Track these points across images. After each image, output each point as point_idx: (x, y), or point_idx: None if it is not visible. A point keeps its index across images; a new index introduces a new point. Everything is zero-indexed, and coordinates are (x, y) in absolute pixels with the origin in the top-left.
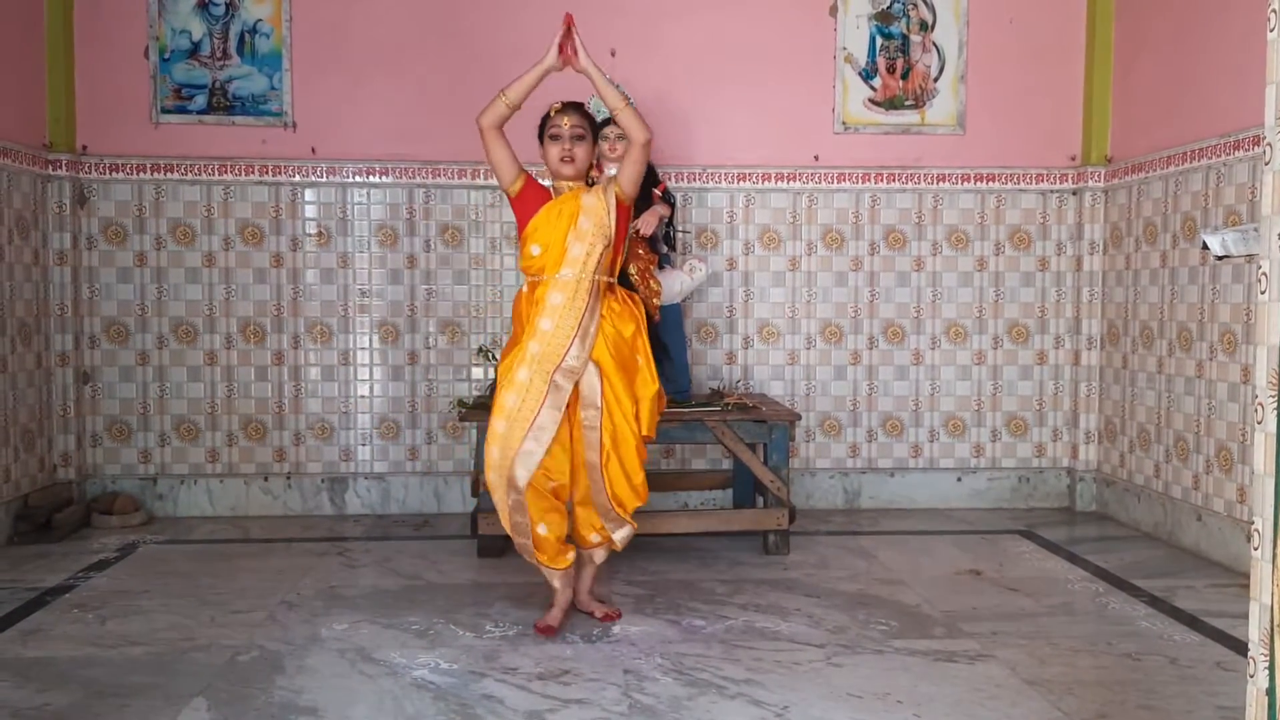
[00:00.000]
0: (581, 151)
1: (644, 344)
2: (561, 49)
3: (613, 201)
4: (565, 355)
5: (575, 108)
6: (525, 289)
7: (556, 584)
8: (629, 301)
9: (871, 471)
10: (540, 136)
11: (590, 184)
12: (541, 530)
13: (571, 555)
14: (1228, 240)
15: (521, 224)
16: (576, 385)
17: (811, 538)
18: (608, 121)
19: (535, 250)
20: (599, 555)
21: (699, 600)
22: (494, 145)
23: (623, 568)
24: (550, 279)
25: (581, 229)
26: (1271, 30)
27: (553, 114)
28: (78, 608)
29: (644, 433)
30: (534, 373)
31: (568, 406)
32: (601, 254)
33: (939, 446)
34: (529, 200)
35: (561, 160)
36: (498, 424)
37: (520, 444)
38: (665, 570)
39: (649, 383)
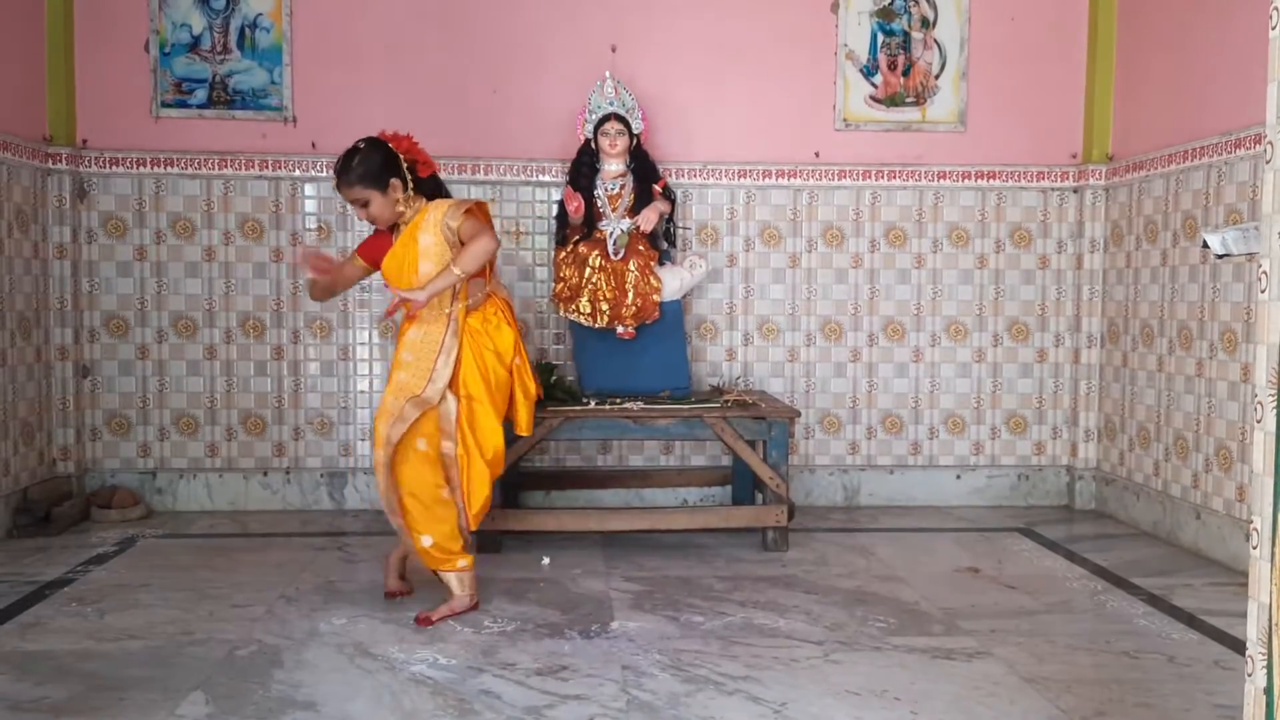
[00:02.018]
0: (376, 211)
1: (520, 350)
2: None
3: (452, 229)
4: (424, 387)
5: (344, 181)
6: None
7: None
8: (508, 322)
9: (871, 469)
10: None
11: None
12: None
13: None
14: (1228, 239)
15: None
16: (434, 415)
17: (810, 535)
18: (607, 118)
19: (393, 289)
20: (451, 578)
21: (697, 597)
22: (350, 282)
23: (621, 564)
24: (415, 313)
25: (424, 274)
26: (1273, 28)
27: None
28: (76, 601)
29: (523, 433)
30: (394, 401)
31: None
32: (456, 286)
33: (938, 444)
34: (379, 250)
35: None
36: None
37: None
38: (664, 566)
39: (530, 386)
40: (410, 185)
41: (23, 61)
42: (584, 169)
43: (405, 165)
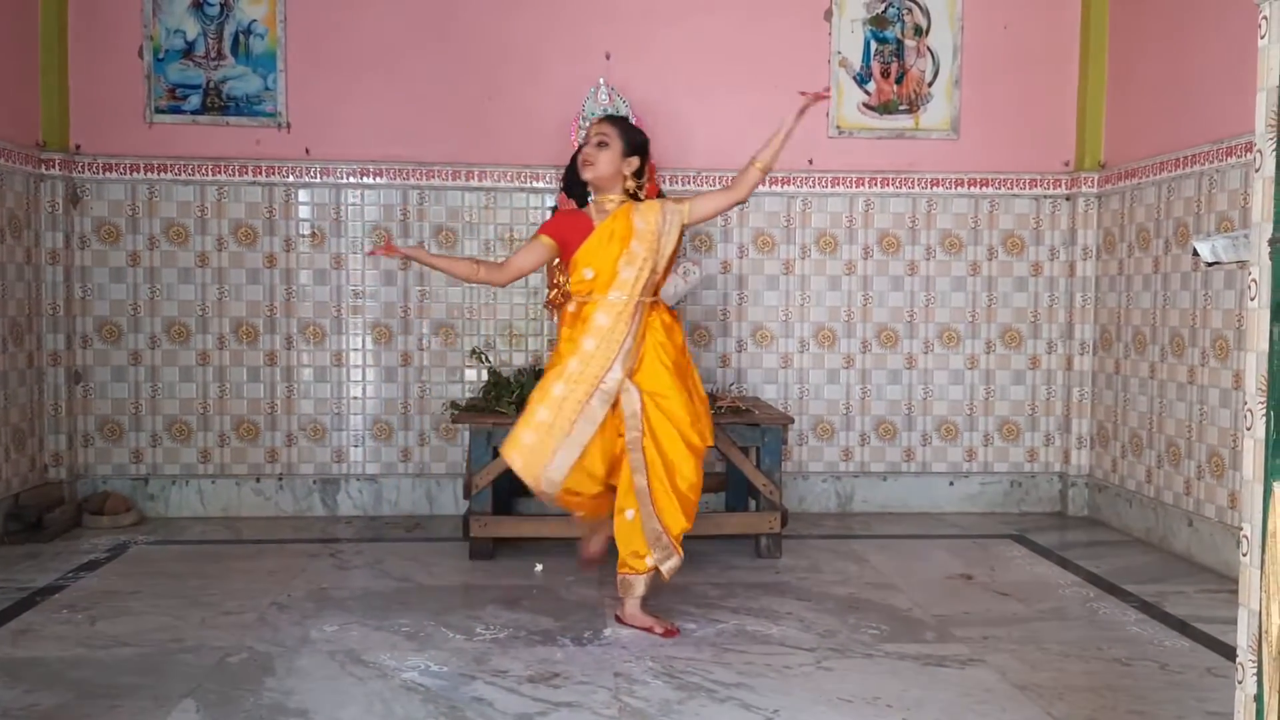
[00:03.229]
0: (604, 158)
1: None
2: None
3: (675, 226)
4: (604, 375)
5: (611, 118)
6: (572, 308)
7: (601, 523)
8: (673, 314)
9: (864, 475)
10: None
11: (634, 197)
12: (578, 514)
13: (609, 509)
14: (1218, 246)
15: (568, 252)
16: (618, 405)
17: (804, 541)
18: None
19: (588, 274)
20: (639, 586)
21: (690, 603)
22: (521, 270)
23: (613, 571)
24: (599, 299)
25: (634, 252)
26: (1262, 37)
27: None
28: (68, 608)
29: (707, 443)
30: (569, 390)
31: (608, 424)
32: (650, 276)
33: (932, 451)
34: (570, 232)
35: (582, 164)
36: (525, 434)
37: (551, 458)
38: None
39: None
40: (635, 179)
41: (16, 67)
42: (578, 176)
43: (644, 168)
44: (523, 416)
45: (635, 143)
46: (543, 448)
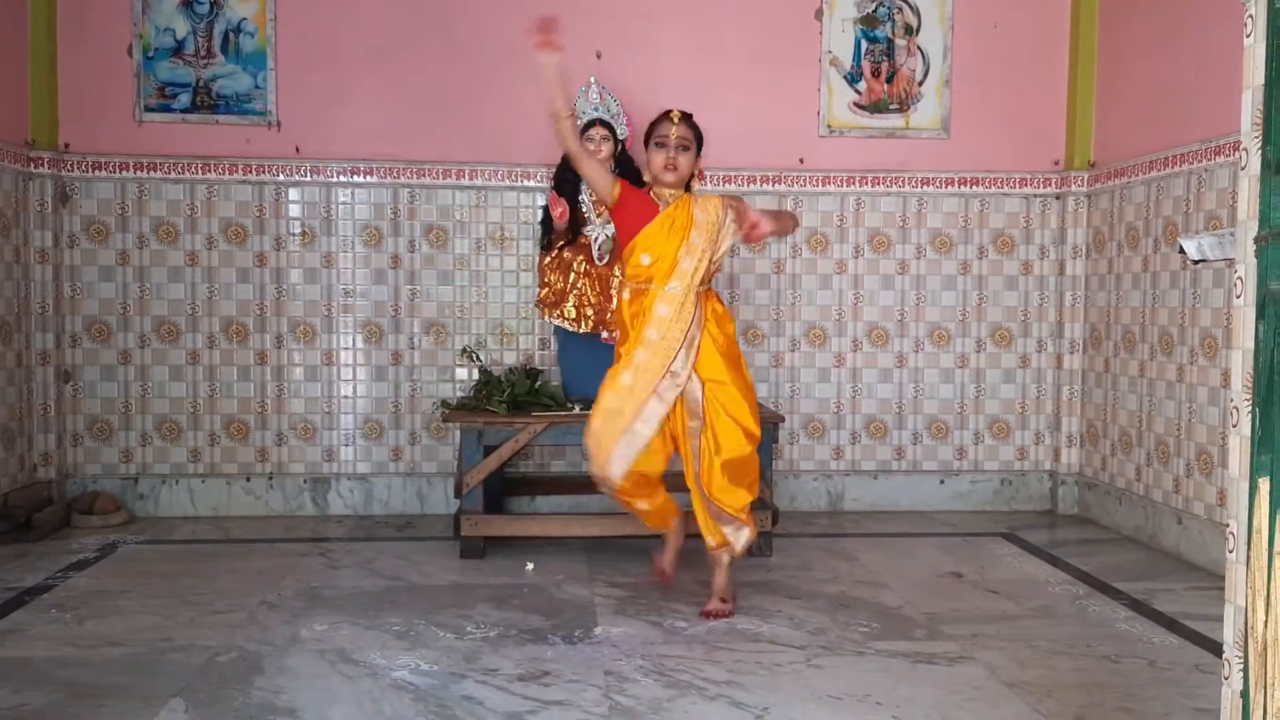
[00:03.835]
0: (685, 161)
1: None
2: (540, 44)
3: (730, 221)
4: (671, 364)
5: (686, 118)
6: (627, 295)
7: (669, 537)
8: (724, 305)
9: (855, 474)
10: (646, 140)
11: (688, 189)
12: (643, 506)
13: (675, 516)
14: (1204, 245)
15: (625, 231)
16: (681, 395)
17: (794, 540)
18: (591, 124)
19: (645, 260)
20: (723, 558)
21: (681, 602)
22: (583, 162)
23: (604, 569)
24: (658, 289)
25: (693, 243)
26: (1248, 36)
27: (663, 122)
28: (56, 608)
29: (755, 431)
30: (637, 379)
31: (671, 416)
32: (706, 267)
33: (922, 449)
34: (632, 209)
35: (665, 168)
36: (595, 421)
37: (614, 445)
38: (647, 572)
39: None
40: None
41: (4, 65)
42: (569, 174)
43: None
44: (595, 406)
45: (701, 141)
46: (607, 433)
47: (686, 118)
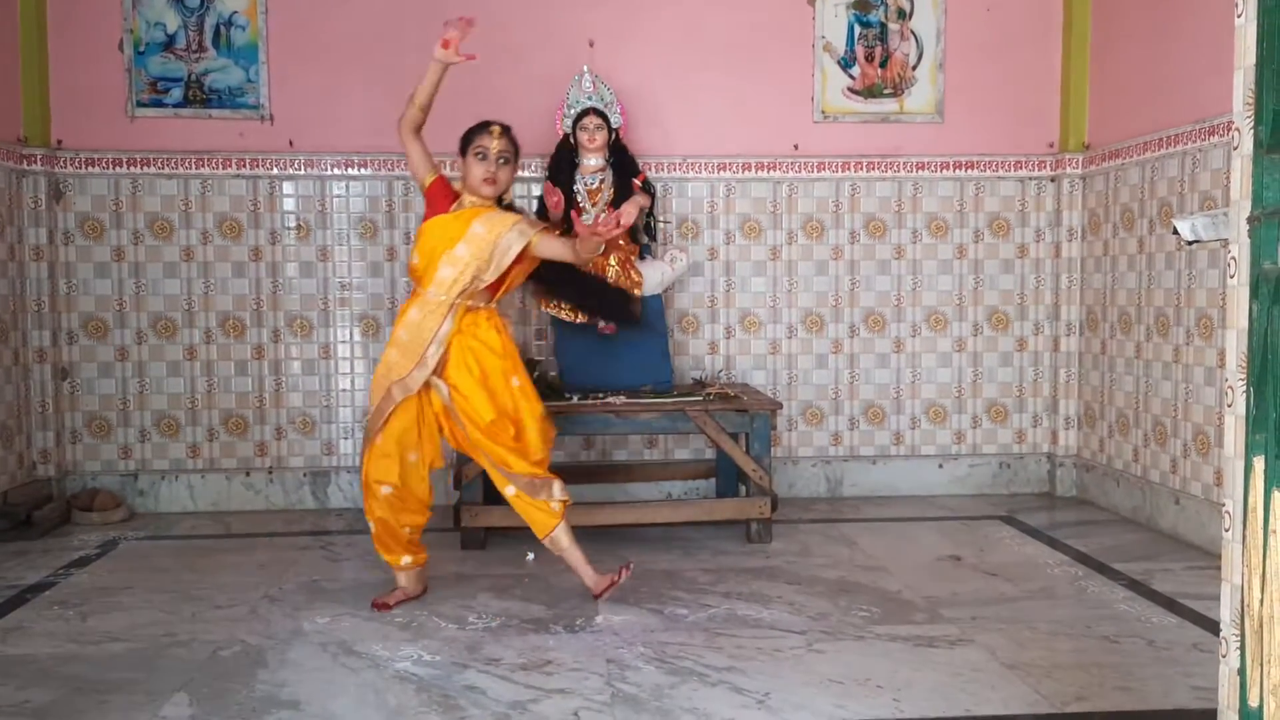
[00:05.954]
0: (505, 174)
1: (520, 372)
2: (445, 43)
3: (517, 247)
4: (408, 373)
5: (506, 131)
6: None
7: (400, 581)
8: (503, 331)
9: (853, 459)
10: (463, 149)
11: (501, 204)
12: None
13: (409, 557)
14: (1198, 225)
15: (427, 214)
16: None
17: (794, 526)
18: (585, 113)
19: (415, 259)
20: (562, 539)
21: (681, 589)
22: (410, 143)
23: (606, 558)
24: (421, 293)
25: (457, 254)
26: (1239, 16)
27: (483, 134)
28: (58, 604)
29: (536, 458)
30: (379, 379)
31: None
32: (471, 282)
33: (920, 434)
34: (432, 206)
35: (485, 181)
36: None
37: (370, 445)
38: (648, 560)
39: (534, 405)
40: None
41: None
42: (563, 164)
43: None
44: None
45: (519, 154)
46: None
47: (506, 131)
